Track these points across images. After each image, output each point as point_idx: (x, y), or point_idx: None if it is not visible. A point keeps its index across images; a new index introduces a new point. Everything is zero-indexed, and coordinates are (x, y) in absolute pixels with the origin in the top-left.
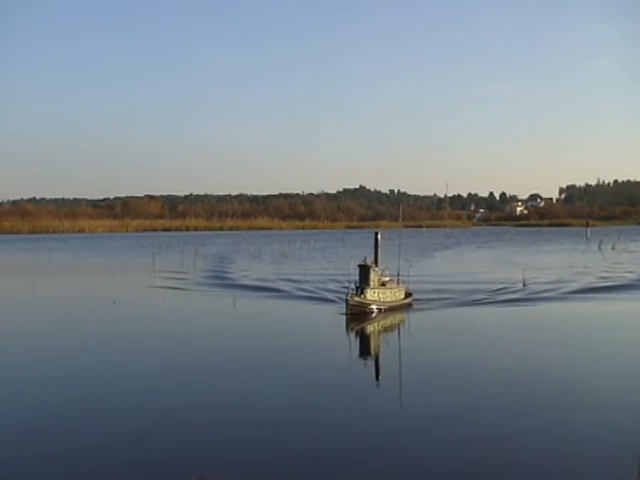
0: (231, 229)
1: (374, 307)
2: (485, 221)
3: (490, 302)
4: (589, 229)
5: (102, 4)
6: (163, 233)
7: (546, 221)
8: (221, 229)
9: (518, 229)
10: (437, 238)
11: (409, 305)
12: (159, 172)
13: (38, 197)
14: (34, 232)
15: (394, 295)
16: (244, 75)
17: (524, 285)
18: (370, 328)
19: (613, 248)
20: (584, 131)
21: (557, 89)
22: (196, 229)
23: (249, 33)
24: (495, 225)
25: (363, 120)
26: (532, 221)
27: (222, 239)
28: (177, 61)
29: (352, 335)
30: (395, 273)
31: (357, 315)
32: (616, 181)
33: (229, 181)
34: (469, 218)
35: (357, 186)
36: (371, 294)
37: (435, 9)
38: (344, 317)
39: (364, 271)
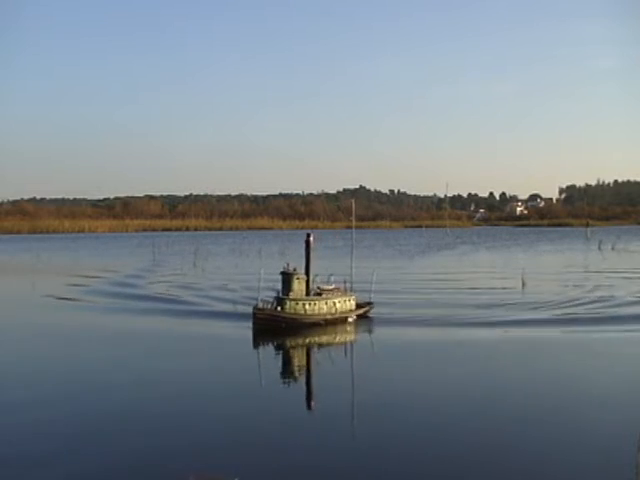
0: (231, 229)
1: (305, 321)
2: (485, 221)
3: (471, 311)
4: (589, 229)
5: (103, 5)
6: (163, 233)
7: (546, 221)
8: (221, 229)
9: (518, 229)
10: (436, 239)
11: (361, 318)
12: (159, 172)
13: (38, 197)
14: (34, 232)
15: (334, 307)
16: (244, 75)
17: (523, 285)
18: (283, 348)
19: (613, 248)
20: (584, 131)
21: (557, 89)
22: (196, 229)
23: (249, 33)
24: (495, 225)
25: (363, 120)
26: (532, 221)
27: (230, 238)
28: (177, 61)
29: (258, 357)
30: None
31: (269, 330)
32: (616, 181)
33: (229, 181)
34: (469, 218)
35: (357, 186)
36: (292, 306)
37: (435, 9)
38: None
39: (285, 279)
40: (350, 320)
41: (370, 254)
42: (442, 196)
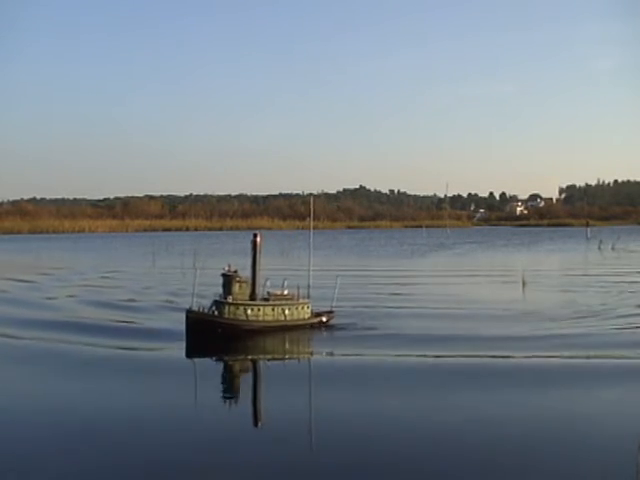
0: (231, 229)
1: (245, 327)
2: (485, 221)
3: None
4: (589, 229)
5: (101, 5)
6: (163, 233)
7: (546, 221)
8: (221, 229)
9: (518, 229)
10: (441, 238)
11: (314, 326)
12: (159, 172)
13: (38, 197)
14: (34, 232)
15: (283, 314)
16: (244, 75)
17: (524, 284)
18: (220, 357)
19: (613, 248)
20: (584, 131)
21: (557, 89)
22: (196, 229)
23: (249, 33)
24: (495, 225)
25: (362, 120)
26: (532, 221)
27: (230, 238)
28: (177, 61)
29: (194, 366)
30: (313, 285)
31: (204, 335)
32: (616, 181)
33: (229, 181)
34: (469, 218)
35: (357, 186)
36: (231, 310)
37: (435, 9)
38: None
39: (225, 281)
40: (314, 327)
41: (380, 253)
42: (442, 196)
